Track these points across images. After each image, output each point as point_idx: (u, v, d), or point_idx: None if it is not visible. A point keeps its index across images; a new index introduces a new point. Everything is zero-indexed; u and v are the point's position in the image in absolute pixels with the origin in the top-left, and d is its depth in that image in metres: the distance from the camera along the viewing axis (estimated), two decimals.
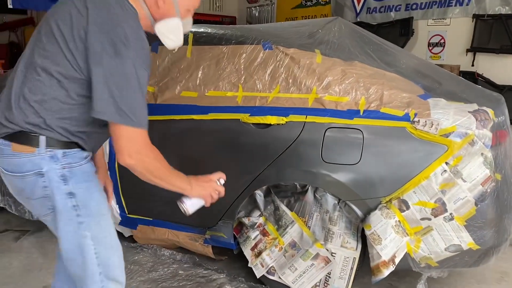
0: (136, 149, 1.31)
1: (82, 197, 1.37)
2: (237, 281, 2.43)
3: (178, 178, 1.48)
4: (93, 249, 1.39)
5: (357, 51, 2.33)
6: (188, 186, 1.50)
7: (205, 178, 1.57)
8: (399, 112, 2.02)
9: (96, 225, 1.40)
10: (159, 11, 1.40)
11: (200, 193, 1.53)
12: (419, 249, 2.03)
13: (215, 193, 1.57)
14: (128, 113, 1.26)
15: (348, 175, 2.06)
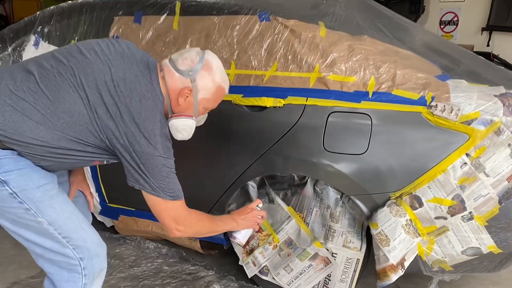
0: (180, 220, 1.45)
1: (17, 183, 1.30)
2: (227, 279, 2.21)
3: (223, 223, 1.68)
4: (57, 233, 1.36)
5: (367, 25, 2.05)
6: (234, 224, 1.71)
7: (245, 210, 1.75)
8: (413, 95, 1.75)
9: (48, 209, 1.35)
10: (178, 107, 1.43)
11: (247, 225, 1.74)
12: (432, 252, 1.79)
13: (259, 218, 1.77)
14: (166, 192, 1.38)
15: (353, 166, 1.81)
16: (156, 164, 1.33)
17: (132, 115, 1.29)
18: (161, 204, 1.40)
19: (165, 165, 1.36)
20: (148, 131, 1.30)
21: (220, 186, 2.05)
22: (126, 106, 1.29)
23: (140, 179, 1.35)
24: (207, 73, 1.43)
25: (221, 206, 2.09)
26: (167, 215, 1.43)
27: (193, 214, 1.51)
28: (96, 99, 1.28)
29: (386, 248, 1.75)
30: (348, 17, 2.05)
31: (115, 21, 2.31)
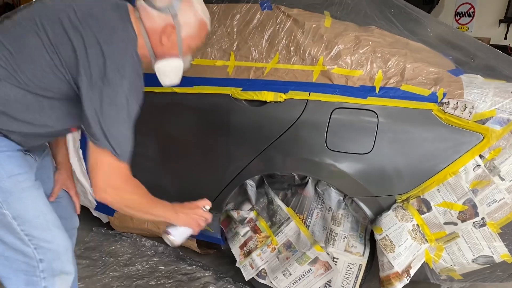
0: (114, 184, 1.22)
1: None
2: (224, 281, 2.12)
3: (161, 207, 1.39)
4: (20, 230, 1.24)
5: (375, 15, 1.91)
6: (174, 215, 1.42)
7: (190, 205, 1.48)
8: (424, 90, 1.63)
9: (17, 202, 1.24)
10: (162, 47, 1.30)
11: (186, 222, 1.45)
12: (440, 259, 1.67)
13: (202, 220, 1.48)
14: (113, 143, 1.17)
15: (357, 167, 1.69)
16: (116, 103, 1.15)
17: (100, 47, 1.14)
18: (101, 154, 1.19)
19: (125, 107, 1.17)
20: (117, 63, 1.15)
21: (217, 184, 1.95)
22: (93, 38, 1.15)
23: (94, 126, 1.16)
24: (188, 7, 1.30)
25: (219, 205, 1.98)
26: (102, 170, 1.20)
27: (131, 185, 1.28)
28: (60, 38, 1.16)
29: (390, 254, 1.64)
30: (356, 7, 1.92)
31: None
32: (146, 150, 2.09)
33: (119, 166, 1.21)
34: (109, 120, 1.16)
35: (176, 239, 1.44)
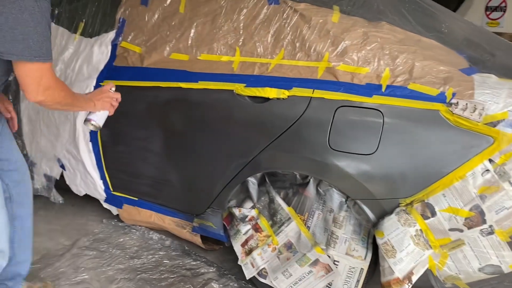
0: (46, 85, 1.31)
1: None
2: (226, 278, 2.10)
3: (83, 101, 1.54)
4: None
5: (388, 10, 1.83)
6: (91, 103, 1.57)
7: (99, 92, 1.62)
8: (432, 90, 1.55)
9: None
10: None
11: (103, 107, 1.60)
12: (444, 266, 1.60)
13: (114, 100, 1.64)
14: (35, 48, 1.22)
15: (360, 168, 1.63)
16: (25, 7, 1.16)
17: None
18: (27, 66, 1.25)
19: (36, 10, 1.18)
20: None
21: (220, 180, 1.94)
22: None
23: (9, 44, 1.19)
24: None
25: (221, 202, 1.97)
26: (31, 78, 1.27)
27: (58, 82, 1.37)
28: None
29: (391, 259, 1.58)
30: (368, 1, 1.85)
31: (122, 2, 2.22)
32: (152, 145, 2.10)
33: (46, 67, 1.29)
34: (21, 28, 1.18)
35: (98, 122, 1.61)
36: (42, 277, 2.09)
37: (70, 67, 2.34)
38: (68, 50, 2.39)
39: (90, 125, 1.60)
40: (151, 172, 2.15)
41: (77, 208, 2.81)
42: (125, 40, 2.16)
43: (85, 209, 2.79)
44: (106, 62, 2.19)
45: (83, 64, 2.28)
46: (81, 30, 2.36)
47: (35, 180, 2.65)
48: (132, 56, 2.13)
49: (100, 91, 1.62)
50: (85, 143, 2.29)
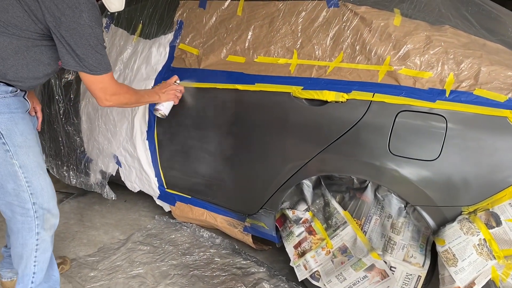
0: (111, 92, 1.57)
1: (5, 126, 1.48)
2: (277, 279, 2.12)
3: (148, 95, 1.86)
4: (23, 177, 1.53)
5: (450, 13, 1.79)
6: (156, 96, 1.90)
7: (164, 85, 1.97)
8: (500, 96, 1.50)
9: (24, 155, 1.52)
10: None
11: (167, 97, 1.95)
12: (508, 278, 1.55)
13: (178, 92, 1.98)
14: (94, 66, 1.47)
15: (421, 174, 1.60)
16: (83, 34, 1.39)
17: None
18: (92, 78, 1.50)
19: (92, 35, 1.41)
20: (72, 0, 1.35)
21: (274, 182, 1.95)
22: None
23: (71, 60, 1.43)
24: None
25: (274, 203, 1.99)
26: (98, 87, 1.53)
27: (122, 86, 1.64)
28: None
29: (452, 268, 1.55)
30: (429, 4, 1.81)
31: (180, 5, 2.27)
32: (207, 145, 2.14)
33: (107, 77, 1.53)
34: (83, 48, 1.41)
35: (164, 111, 1.96)
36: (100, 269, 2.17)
37: (128, 67, 2.41)
38: (127, 51, 2.47)
39: (158, 114, 1.94)
40: (205, 171, 2.19)
41: (130, 204, 2.90)
42: (182, 42, 2.21)
43: (137, 205, 2.88)
44: (164, 63, 2.25)
45: (141, 65, 2.35)
46: (139, 32, 2.43)
47: (90, 176, 2.76)
48: (189, 58, 2.17)
49: (164, 84, 1.95)
50: (141, 141, 2.36)
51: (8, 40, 1.42)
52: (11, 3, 1.39)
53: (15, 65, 1.47)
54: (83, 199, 2.97)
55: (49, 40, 1.48)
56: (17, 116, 1.51)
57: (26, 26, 1.41)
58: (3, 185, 1.53)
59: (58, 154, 2.89)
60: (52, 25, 1.38)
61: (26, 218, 1.58)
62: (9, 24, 1.40)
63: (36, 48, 1.48)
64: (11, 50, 1.44)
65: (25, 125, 1.54)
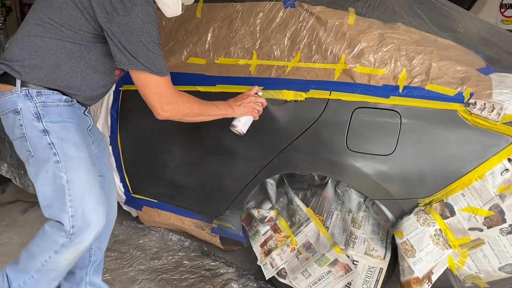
0: (167, 99, 1.41)
1: (57, 135, 1.38)
2: (246, 278, 2.13)
3: (216, 107, 1.59)
4: (68, 194, 1.38)
5: (403, 11, 1.84)
6: (229, 109, 1.63)
7: (242, 96, 1.67)
8: (449, 90, 1.56)
9: (74, 168, 1.40)
10: None
11: (244, 112, 1.66)
12: (464, 266, 1.60)
13: (258, 105, 1.68)
14: (147, 63, 1.33)
15: (378, 168, 1.64)
16: (135, 28, 1.29)
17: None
18: (144, 80, 1.38)
19: (144, 30, 1.31)
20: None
21: (238, 182, 1.96)
22: None
23: (122, 58, 1.34)
24: None
25: (240, 203, 2.00)
26: (151, 93, 1.40)
27: (182, 95, 1.48)
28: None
29: (411, 259, 1.59)
30: (383, 2, 1.86)
31: None
32: (172, 148, 2.14)
33: (163, 81, 1.39)
34: (134, 45, 1.31)
35: (241, 128, 1.68)
36: None
37: None
38: None
39: (234, 131, 1.69)
40: (171, 175, 2.19)
41: None
42: None
43: None
44: None
45: None
46: None
47: None
48: None
49: (242, 96, 1.67)
50: None
51: (62, 44, 1.37)
52: (65, 2, 1.33)
53: (69, 72, 1.40)
54: None
55: (103, 44, 1.40)
56: (69, 125, 1.42)
57: (79, 26, 1.35)
58: (51, 204, 1.40)
59: (21, 163, 2.83)
60: (103, 21, 1.31)
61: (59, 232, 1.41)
62: (63, 25, 1.35)
63: (90, 54, 1.41)
64: (65, 55, 1.38)
65: (77, 135, 1.43)
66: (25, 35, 1.38)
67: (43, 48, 1.37)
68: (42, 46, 1.37)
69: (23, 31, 1.40)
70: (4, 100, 1.40)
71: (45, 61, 1.37)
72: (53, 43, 1.36)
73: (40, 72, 1.38)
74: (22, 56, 1.38)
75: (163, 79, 1.39)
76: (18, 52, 1.38)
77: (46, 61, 1.37)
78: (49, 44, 1.37)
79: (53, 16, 1.35)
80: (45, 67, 1.38)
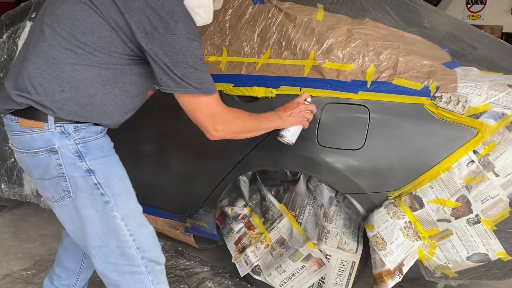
0: (220, 119, 1.30)
1: (103, 173, 1.26)
2: (221, 277, 2.13)
3: (267, 120, 1.48)
4: (127, 230, 1.28)
5: (371, 6, 1.86)
6: (280, 121, 1.52)
7: (291, 105, 1.55)
8: (416, 84, 1.58)
9: (124, 204, 1.29)
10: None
11: (294, 122, 1.55)
12: (433, 256, 1.64)
13: (308, 113, 1.56)
14: (195, 84, 1.21)
15: (348, 163, 1.66)
16: (180, 48, 1.17)
17: None
18: (194, 102, 1.25)
19: (190, 48, 1.18)
20: (165, 9, 1.15)
21: (211, 180, 1.95)
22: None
23: (170, 82, 1.20)
24: None
25: (213, 201, 1.99)
26: (202, 114, 1.28)
27: (231, 111, 1.36)
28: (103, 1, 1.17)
29: (382, 251, 1.61)
30: None
31: None
32: (143, 148, 2.11)
33: (214, 99, 1.27)
34: (181, 67, 1.18)
35: (290, 139, 1.56)
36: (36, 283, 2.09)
37: None
38: None
39: (282, 141, 1.57)
40: (142, 175, 2.15)
41: None
42: None
43: None
44: None
45: None
46: None
47: (24, 187, 2.64)
48: None
49: (291, 105, 1.55)
50: None
51: (96, 71, 1.21)
52: (96, 22, 1.17)
53: (103, 101, 1.25)
54: (18, 211, 2.84)
55: (139, 65, 1.27)
56: (111, 159, 1.31)
57: (114, 48, 1.20)
58: (105, 243, 1.28)
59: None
60: (144, 42, 1.17)
61: (139, 277, 1.32)
62: (95, 48, 1.18)
63: (125, 78, 1.26)
64: (99, 83, 1.22)
65: (120, 168, 1.33)
66: (51, 63, 1.19)
67: (76, 78, 1.20)
68: (74, 76, 1.20)
69: (47, 57, 1.20)
70: (31, 137, 1.24)
71: (78, 93, 1.21)
72: (86, 71, 1.20)
73: (73, 105, 1.22)
74: (51, 88, 1.20)
75: (214, 97, 1.27)
76: (47, 85, 1.20)
77: (80, 93, 1.22)
78: (82, 74, 1.20)
79: (84, 39, 1.18)
80: (78, 99, 1.22)
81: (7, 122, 1.29)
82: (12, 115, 1.25)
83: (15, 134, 1.26)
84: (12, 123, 1.26)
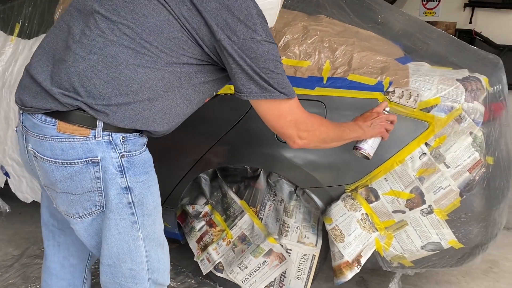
0: (303, 126, 1.20)
1: (139, 192, 1.16)
2: (184, 276, 2.11)
3: (349, 130, 1.37)
4: (144, 252, 1.20)
5: (327, 3, 1.89)
6: (360, 131, 1.40)
7: (371, 115, 1.45)
8: (370, 80, 1.62)
9: (150, 225, 1.20)
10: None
11: (374, 133, 1.43)
12: (390, 247, 1.68)
13: (388, 124, 1.45)
14: (280, 87, 1.13)
15: (307, 158, 1.69)
16: (261, 53, 1.08)
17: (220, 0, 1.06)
18: (276, 108, 1.16)
19: (270, 52, 1.10)
20: (243, 11, 1.06)
21: (171, 179, 1.93)
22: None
23: (253, 87, 1.11)
24: None
25: (174, 200, 1.97)
26: (286, 121, 1.18)
27: (314, 117, 1.26)
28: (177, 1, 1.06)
29: (340, 244, 1.65)
30: None
31: (61, 2, 2.15)
32: None
33: (295, 103, 1.18)
34: (263, 72, 1.10)
35: (369, 151, 1.44)
36: None
37: (8, 71, 2.24)
38: (5, 53, 2.29)
39: (359, 154, 1.45)
40: None
41: (25, 216, 2.72)
42: None
43: (33, 216, 2.70)
44: None
45: (21, 67, 2.20)
46: (18, 32, 2.27)
47: None
48: None
49: (371, 115, 1.44)
50: None
51: (160, 75, 1.09)
52: (167, 20, 1.05)
53: (163, 108, 1.14)
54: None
55: (205, 71, 1.16)
56: (150, 176, 1.21)
57: (183, 50, 1.08)
58: (116, 264, 1.19)
59: None
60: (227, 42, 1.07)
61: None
62: (163, 50, 1.07)
63: (189, 84, 1.15)
64: (161, 88, 1.10)
65: (156, 186, 1.23)
66: (109, 63, 1.06)
67: (137, 81, 1.08)
68: (135, 79, 1.07)
69: (104, 54, 1.06)
70: (70, 144, 1.08)
71: (137, 97, 1.09)
72: (149, 74, 1.08)
73: (129, 110, 1.09)
74: (107, 91, 1.06)
75: (295, 101, 1.18)
76: (102, 87, 1.06)
77: (139, 97, 1.09)
78: (144, 76, 1.08)
79: (150, 38, 1.06)
80: (135, 104, 1.10)
81: (36, 123, 1.11)
82: (48, 116, 1.09)
83: (47, 139, 1.09)
84: (46, 125, 1.09)
